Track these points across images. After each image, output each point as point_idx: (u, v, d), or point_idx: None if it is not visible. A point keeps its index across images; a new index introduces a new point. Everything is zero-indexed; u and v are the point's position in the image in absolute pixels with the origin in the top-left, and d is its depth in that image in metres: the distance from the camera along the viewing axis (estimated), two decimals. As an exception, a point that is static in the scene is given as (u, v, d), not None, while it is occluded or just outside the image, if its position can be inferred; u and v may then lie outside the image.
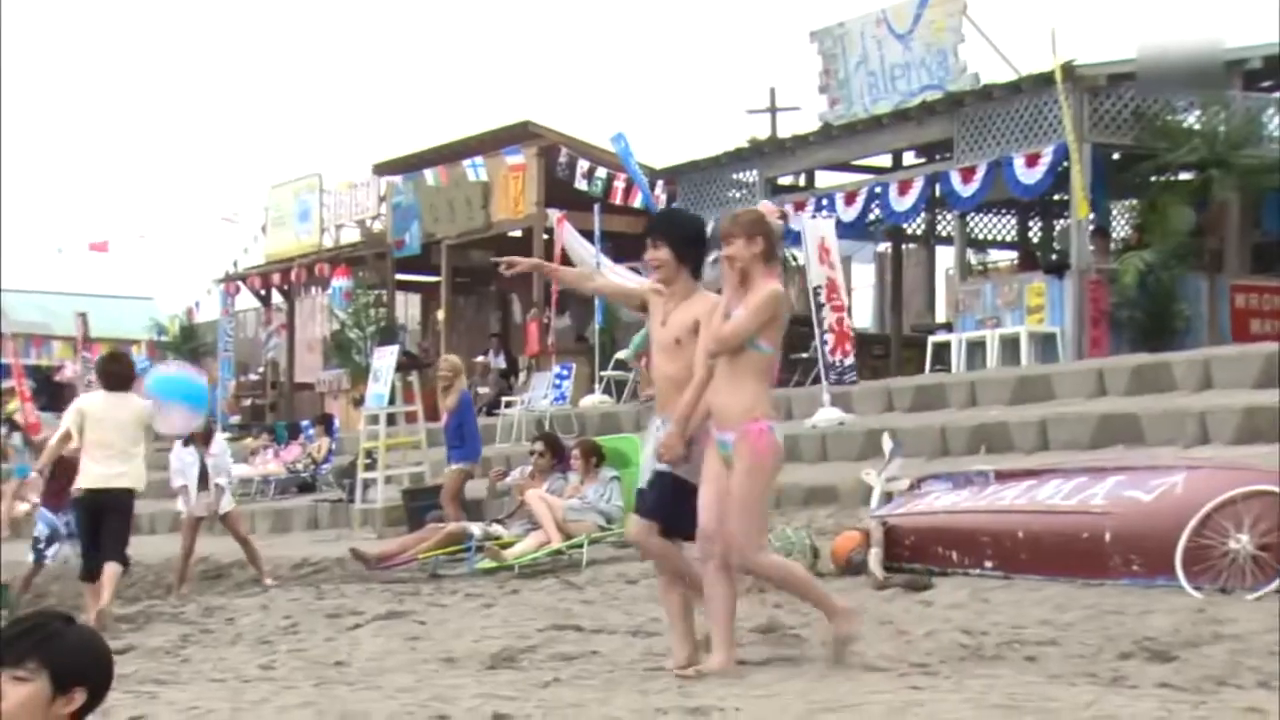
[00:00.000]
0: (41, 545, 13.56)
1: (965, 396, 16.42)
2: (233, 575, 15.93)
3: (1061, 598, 8.67)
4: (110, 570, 10.91)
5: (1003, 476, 10.27)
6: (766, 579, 7.86)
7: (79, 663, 3.54)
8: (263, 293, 30.94)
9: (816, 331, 17.00)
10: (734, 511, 7.16)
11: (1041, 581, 9.16)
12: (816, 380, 20.44)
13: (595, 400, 22.07)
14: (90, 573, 11.11)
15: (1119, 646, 7.45)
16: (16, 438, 24.18)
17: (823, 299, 16.62)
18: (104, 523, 11.03)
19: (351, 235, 28.87)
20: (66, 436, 11.20)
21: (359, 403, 25.60)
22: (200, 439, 14.32)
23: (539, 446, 13.36)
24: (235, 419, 29.00)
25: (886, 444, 11.52)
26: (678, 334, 7.49)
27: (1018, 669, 6.99)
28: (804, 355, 22.01)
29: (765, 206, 9.32)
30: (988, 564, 9.63)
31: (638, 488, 7.91)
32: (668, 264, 7.52)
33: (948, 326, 21.54)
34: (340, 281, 27.61)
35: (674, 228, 7.77)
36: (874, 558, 10.02)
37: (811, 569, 10.40)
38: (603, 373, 22.74)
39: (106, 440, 11.00)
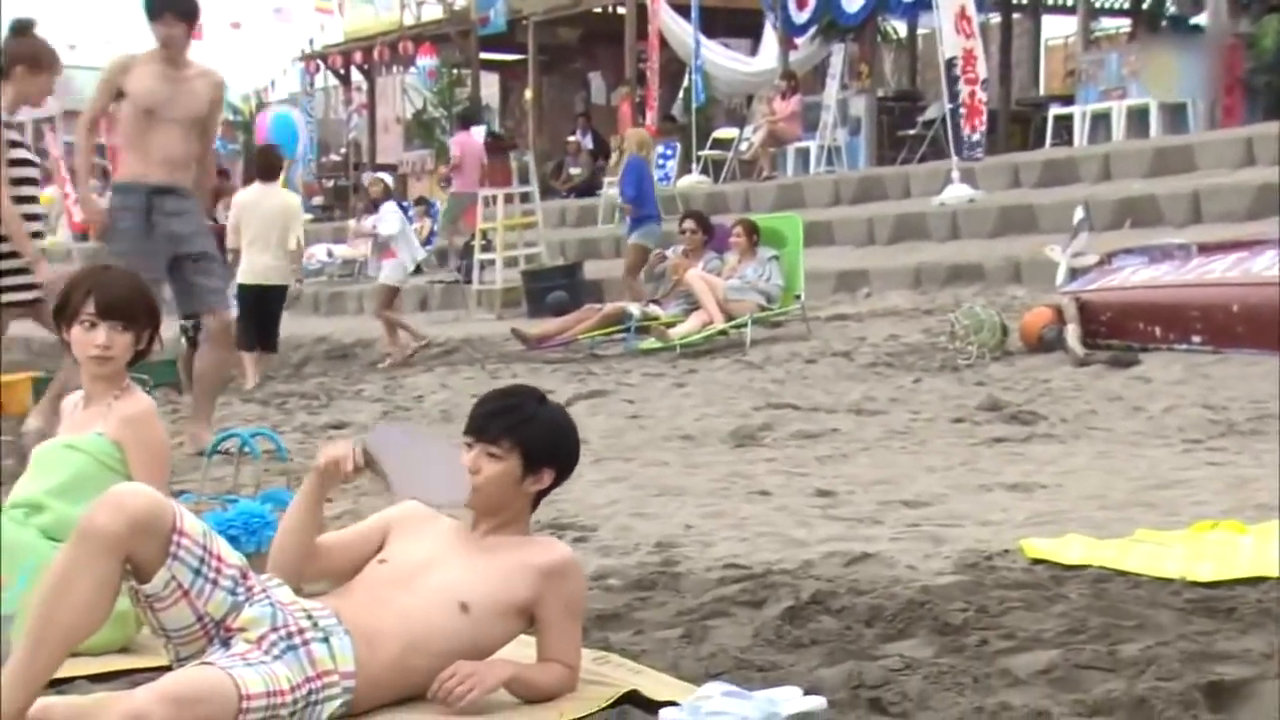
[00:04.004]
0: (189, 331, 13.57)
1: (1098, 170, 16.01)
2: (358, 355, 15.85)
3: (1290, 372, 8.48)
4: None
5: (1206, 249, 10.00)
6: None
7: (549, 445, 3.50)
8: (342, 72, 30.38)
9: (947, 105, 16.47)
10: None
11: (1259, 355, 8.96)
12: (924, 158, 20.05)
13: (694, 180, 21.71)
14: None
15: (1378, 420, 7.29)
16: None
17: (958, 71, 16.03)
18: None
19: (434, 12, 28.22)
20: None
21: (446, 184, 25.32)
22: None
23: (689, 224, 13.04)
24: (318, 200, 28.72)
25: (1077, 215, 11.22)
26: None
27: (1290, 444, 6.82)
28: (911, 132, 21.61)
29: None
30: (1196, 339, 9.44)
31: None
32: None
33: (1056, 99, 20.99)
34: (424, 60, 27.07)
35: None
36: (1072, 334, 9.84)
37: (1000, 346, 10.27)
38: (700, 152, 22.34)
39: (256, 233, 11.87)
